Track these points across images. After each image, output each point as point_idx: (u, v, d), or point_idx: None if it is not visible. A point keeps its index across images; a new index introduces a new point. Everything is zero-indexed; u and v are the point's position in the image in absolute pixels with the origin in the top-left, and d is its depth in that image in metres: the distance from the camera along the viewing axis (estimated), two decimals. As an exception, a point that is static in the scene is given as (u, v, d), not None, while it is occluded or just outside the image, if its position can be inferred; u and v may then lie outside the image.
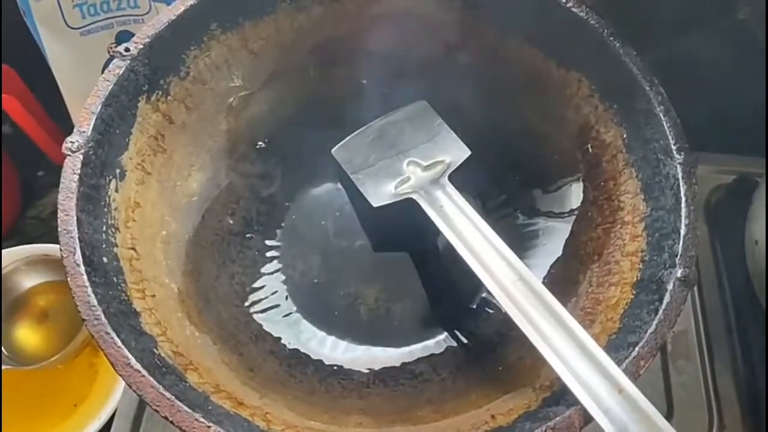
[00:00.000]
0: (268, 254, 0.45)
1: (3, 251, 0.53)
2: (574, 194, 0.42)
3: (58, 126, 0.60)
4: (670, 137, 0.37)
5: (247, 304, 0.42)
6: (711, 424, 0.43)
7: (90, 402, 0.51)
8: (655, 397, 0.44)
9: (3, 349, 0.51)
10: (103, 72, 0.52)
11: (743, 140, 0.51)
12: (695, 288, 0.47)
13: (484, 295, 0.43)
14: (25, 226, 0.61)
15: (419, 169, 0.44)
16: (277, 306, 0.43)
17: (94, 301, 0.32)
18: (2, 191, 0.59)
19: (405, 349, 0.41)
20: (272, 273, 0.44)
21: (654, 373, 0.45)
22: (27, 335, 0.53)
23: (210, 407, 0.31)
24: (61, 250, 0.33)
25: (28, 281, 0.53)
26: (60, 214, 0.34)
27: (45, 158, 0.61)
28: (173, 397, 0.30)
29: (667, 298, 0.33)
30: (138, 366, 0.30)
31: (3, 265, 0.52)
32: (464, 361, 0.40)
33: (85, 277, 0.32)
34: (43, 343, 0.52)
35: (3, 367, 0.49)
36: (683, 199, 0.35)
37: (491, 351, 0.40)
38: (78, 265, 0.32)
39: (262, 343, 0.40)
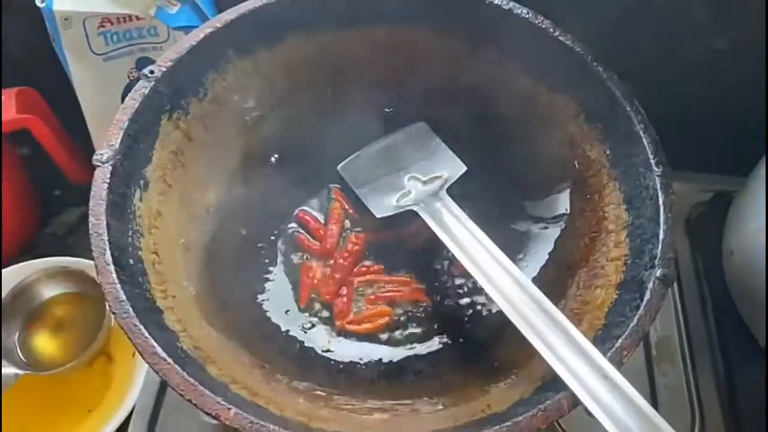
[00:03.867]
0: (277, 261, 0.48)
1: (24, 263, 0.56)
2: (562, 203, 0.45)
3: (76, 146, 0.64)
4: (649, 152, 0.40)
5: (258, 307, 0.45)
6: (693, 423, 0.45)
7: (103, 408, 0.53)
8: (641, 398, 0.47)
9: (21, 355, 0.53)
10: (123, 95, 0.57)
11: (720, 160, 0.54)
12: (678, 296, 0.51)
13: (480, 299, 0.46)
14: (42, 243, 0.64)
15: (419, 183, 0.47)
16: (286, 311, 0.45)
17: (123, 297, 0.34)
18: (21, 209, 0.62)
19: (407, 349, 0.44)
20: (282, 280, 0.47)
21: (640, 375, 0.47)
22: (44, 343, 0.55)
23: (229, 395, 0.34)
24: (92, 250, 0.36)
25: (47, 292, 0.56)
26: (91, 219, 0.36)
27: (61, 178, 0.64)
28: (197, 382, 0.32)
29: (647, 296, 0.36)
30: (164, 354, 0.33)
31: (24, 276, 0.54)
32: (462, 359, 0.43)
33: (114, 275, 0.35)
34: (59, 351, 0.55)
35: (21, 372, 0.51)
36: (662, 208, 0.39)
37: (487, 350, 0.43)
38: (108, 264, 0.35)
39: (273, 344, 0.43)
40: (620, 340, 0.34)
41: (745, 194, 0.48)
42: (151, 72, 0.42)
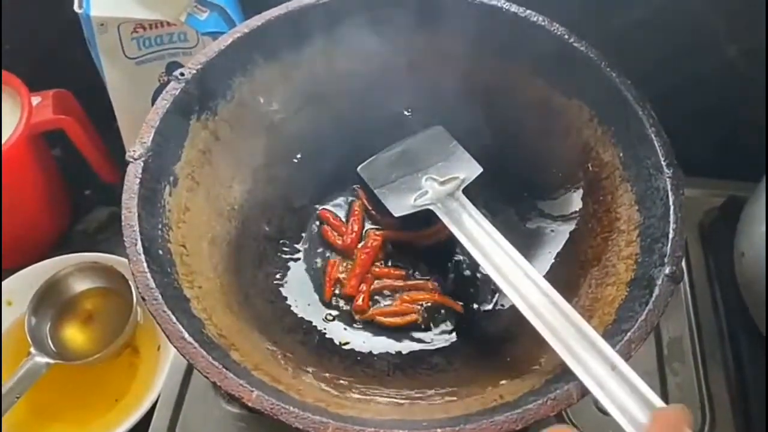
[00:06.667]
0: (298, 257, 0.50)
1: (57, 258, 0.59)
2: (574, 203, 0.47)
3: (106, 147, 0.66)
4: (660, 155, 0.41)
5: (279, 299, 0.47)
6: (703, 420, 0.46)
7: (130, 397, 0.55)
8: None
9: (52, 345, 0.55)
10: (153, 98, 0.59)
11: (733, 166, 0.55)
12: (690, 298, 0.51)
13: (494, 296, 0.48)
14: (73, 240, 0.66)
15: (436, 184, 0.49)
16: (307, 304, 0.47)
17: (153, 284, 0.36)
18: (54, 207, 0.65)
19: (423, 343, 0.46)
20: (303, 275, 0.49)
21: (651, 375, 0.48)
22: (74, 334, 0.57)
23: (251, 379, 0.35)
24: (125, 240, 0.38)
25: (79, 286, 0.58)
26: (124, 211, 0.38)
27: (92, 179, 0.67)
28: (221, 366, 0.34)
29: (656, 292, 0.37)
30: (191, 339, 0.34)
31: (56, 271, 0.57)
32: (476, 353, 0.45)
33: (145, 264, 0.37)
34: (87, 342, 0.57)
35: (52, 361, 0.53)
36: (672, 208, 0.40)
37: (501, 344, 0.44)
38: (139, 254, 0.37)
39: (294, 335, 0.45)
40: (629, 334, 0.35)
41: (756, 198, 0.48)
42: (182, 74, 0.44)
